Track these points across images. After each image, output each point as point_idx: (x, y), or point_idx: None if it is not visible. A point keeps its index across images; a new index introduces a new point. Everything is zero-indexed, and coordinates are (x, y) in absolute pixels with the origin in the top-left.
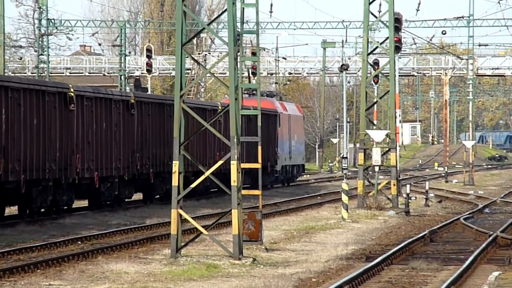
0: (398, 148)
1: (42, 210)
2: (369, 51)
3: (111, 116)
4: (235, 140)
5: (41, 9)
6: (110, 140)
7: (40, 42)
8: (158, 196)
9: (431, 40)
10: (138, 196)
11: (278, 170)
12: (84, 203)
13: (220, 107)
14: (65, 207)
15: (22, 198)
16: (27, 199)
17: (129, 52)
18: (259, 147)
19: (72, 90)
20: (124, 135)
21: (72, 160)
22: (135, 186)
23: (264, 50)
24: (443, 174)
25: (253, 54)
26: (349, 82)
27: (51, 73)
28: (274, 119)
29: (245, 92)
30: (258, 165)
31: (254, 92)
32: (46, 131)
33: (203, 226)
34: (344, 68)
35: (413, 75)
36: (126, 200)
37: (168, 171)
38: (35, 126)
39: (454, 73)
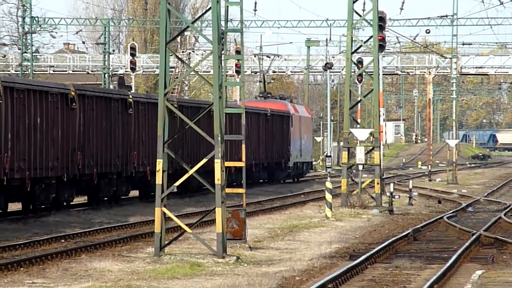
0: (382, 146)
1: (105, 198)
2: (353, 50)
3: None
4: (219, 138)
5: (25, 7)
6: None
7: (23, 40)
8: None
9: (415, 39)
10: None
11: (291, 166)
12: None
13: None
14: (122, 197)
15: (93, 188)
16: (97, 189)
17: (113, 50)
18: (243, 145)
19: (131, 96)
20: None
21: (130, 156)
22: (176, 179)
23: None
24: (427, 173)
25: (237, 52)
26: (333, 81)
27: (34, 71)
28: (287, 120)
29: (260, 95)
30: (242, 164)
31: (268, 95)
32: (112, 132)
33: (187, 225)
34: (328, 66)
35: (397, 74)
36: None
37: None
38: (104, 127)
39: (437, 72)
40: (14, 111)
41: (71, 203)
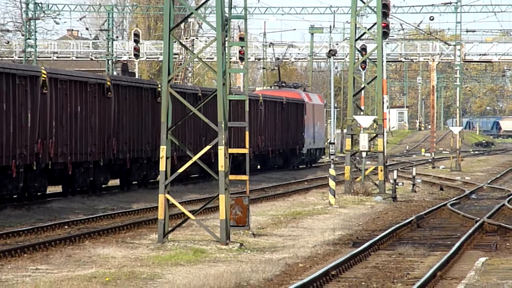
0: (385, 133)
1: (135, 182)
2: (356, 37)
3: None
4: (223, 125)
5: None
6: (184, 128)
7: (27, 26)
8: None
9: (418, 26)
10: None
11: (304, 153)
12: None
13: (261, 98)
14: (151, 180)
15: (125, 172)
16: (129, 173)
17: (117, 37)
18: (247, 132)
19: (159, 86)
20: (195, 123)
21: (159, 143)
22: (199, 165)
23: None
24: (430, 160)
25: (241, 39)
26: (336, 68)
27: (38, 57)
28: (301, 108)
29: (275, 84)
30: (245, 150)
31: (283, 84)
32: (142, 119)
33: (190, 211)
34: (331, 53)
35: (400, 61)
36: (193, 176)
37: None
38: (136, 115)
39: (441, 59)
40: (58, 100)
41: (103, 185)
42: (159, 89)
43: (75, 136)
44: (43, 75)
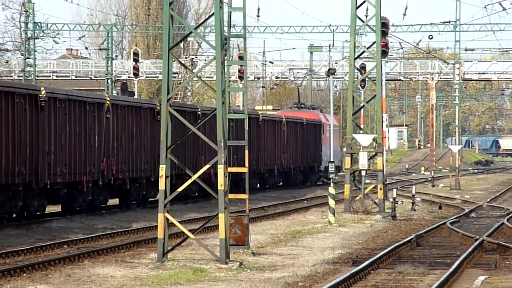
0: (384, 152)
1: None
2: (356, 56)
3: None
4: (222, 144)
5: (28, 13)
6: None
7: (26, 46)
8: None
9: (417, 44)
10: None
11: (322, 170)
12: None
13: (284, 119)
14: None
15: (170, 188)
16: (174, 188)
17: (116, 56)
18: (246, 151)
19: (199, 109)
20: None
21: (199, 160)
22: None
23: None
24: (430, 179)
25: (240, 58)
26: (336, 87)
27: (37, 77)
28: (319, 128)
29: (295, 106)
30: (245, 169)
31: (302, 105)
32: (185, 140)
33: (190, 230)
34: (331, 72)
35: (399, 80)
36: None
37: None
38: (180, 136)
39: (440, 78)
40: (118, 123)
41: (150, 199)
42: (199, 112)
43: (131, 155)
44: (107, 102)
